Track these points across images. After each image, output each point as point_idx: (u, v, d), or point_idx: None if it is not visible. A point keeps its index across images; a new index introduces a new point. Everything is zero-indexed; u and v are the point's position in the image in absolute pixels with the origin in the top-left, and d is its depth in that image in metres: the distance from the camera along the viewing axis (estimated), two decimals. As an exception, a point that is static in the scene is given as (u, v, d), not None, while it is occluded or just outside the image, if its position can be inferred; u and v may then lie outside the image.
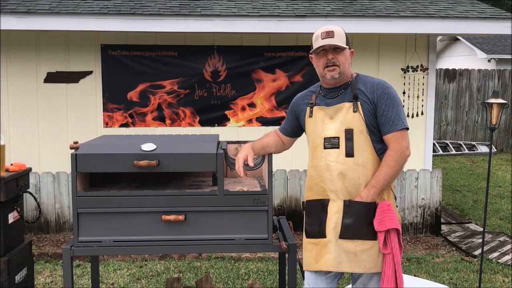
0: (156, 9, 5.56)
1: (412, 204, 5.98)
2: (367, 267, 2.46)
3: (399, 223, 2.44)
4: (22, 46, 5.88)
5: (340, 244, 2.47)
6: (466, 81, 12.98)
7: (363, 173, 2.46)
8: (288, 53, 6.12)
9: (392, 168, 2.44)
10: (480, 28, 5.87)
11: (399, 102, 2.52)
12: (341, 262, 2.48)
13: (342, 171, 2.47)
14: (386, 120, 2.47)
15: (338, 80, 2.55)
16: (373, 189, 2.44)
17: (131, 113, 6.01)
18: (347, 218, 2.46)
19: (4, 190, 2.98)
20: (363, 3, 6.10)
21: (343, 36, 2.52)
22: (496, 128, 4.07)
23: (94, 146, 2.70)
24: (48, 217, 5.78)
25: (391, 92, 2.52)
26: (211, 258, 5.08)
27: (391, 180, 2.46)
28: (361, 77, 2.60)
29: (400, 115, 2.48)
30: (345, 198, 2.48)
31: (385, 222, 2.40)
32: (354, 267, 2.47)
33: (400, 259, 2.42)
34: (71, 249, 2.66)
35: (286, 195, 5.97)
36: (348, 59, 2.56)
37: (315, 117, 2.59)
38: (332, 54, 2.51)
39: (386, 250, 2.41)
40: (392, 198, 2.54)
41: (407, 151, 2.47)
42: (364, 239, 2.45)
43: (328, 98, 2.58)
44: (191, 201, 2.65)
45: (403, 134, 2.47)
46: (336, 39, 2.49)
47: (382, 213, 2.42)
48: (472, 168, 10.67)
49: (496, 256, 5.23)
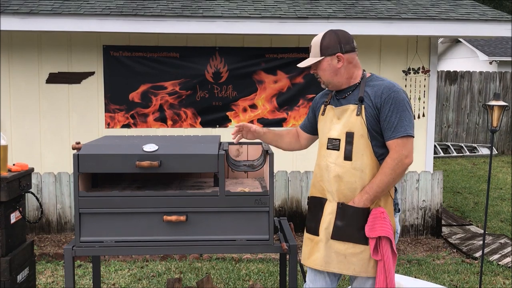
0: (158, 10, 5.58)
1: (413, 206, 5.99)
2: (357, 271, 2.45)
3: (391, 231, 2.39)
4: (24, 46, 5.90)
5: (331, 244, 2.48)
6: (468, 83, 12.98)
7: (361, 177, 2.44)
8: (290, 55, 6.12)
9: (387, 176, 2.38)
10: (481, 30, 5.87)
11: (405, 108, 2.41)
12: (330, 262, 2.49)
13: (339, 174, 2.47)
14: (389, 126, 2.40)
15: (334, 87, 2.57)
16: (365, 195, 2.42)
17: (132, 114, 6.03)
18: (339, 220, 2.47)
19: (6, 190, 2.99)
20: (364, 5, 6.10)
21: (317, 47, 2.52)
22: (497, 130, 4.08)
23: (96, 147, 2.71)
24: (49, 217, 5.80)
25: (398, 96, 2.41)
26: (212, 259, 5.09)
27: (386, 187, 2.40)
28: (372, 78, 2.54)
29: (404, 121, 2.39)
30: (340, 200, 2.48)
31: (375, 229, 2.38)
32: (343, 268, 2.48)
33: (391, 266, 2.38)
34: (72, 249, 2.67)
35: (287, 196, 5.98)
36: (328, 68, 2.51)
37: (326, 116, 2.62)
38: (313, 69, 2.58)
39: (376, 256, 2.39)
40: (389, 205, 2.48)
41: (407, 160, 2.39)
42: (355, 243, 2.44)
43: (337, 98, 2.59)
44: (193, 202, 2.66)
45: (404, 141, 2.39)
46: (310, 55, 2.57)
47: (374, 219, 2.40)
48: (473, 170, 10.67)
49: (497, 258, 5.23)
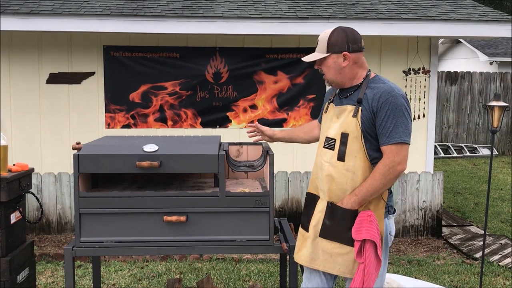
0: (159, 11, 5.58)
1: (413, 206, 5.98)
2: (341, 271, 2.45)
3: (377, 235, 2.35)
4: (24, 47, 5.90)
5: (319, 242, 2.50)
6: (468, 84, 12.98)
7: (352, 179, 2.42)
8: (290, 55, 6.12)
9: (377, 180, 2.36)
10: (482, 31, 5.87)
11: (402, 113, 2.35)
12: (316, 259, 2.51)
13: (331, 173, 2.47)
14: (384, 131, 2.36)
15: (337, 85, 2.55)
16: (354, 197, 2.40)
17: (133, 114, 6.03)
18: (327, 219, 2.48)
19: (6, 190, 2.98)
20: (365, 6, 6.10)
21: (323, 43, 2.48)
22: (497, 131, 4.07)
23: (96, 147, 2.71)
24: (49, 217, 5.79)
25: (396, 101, 2.35)
26: (212, 259, 5.09)
27: (375, 192, 2.38)
28: (375, 80, 2.49)
29: (399, 127, 2.34)
30: (331, 199, 2.48)
31: (361, 232, 2.36)
32: (328, 267, 2.48)
33: (372, 270, 2.35)
34: (72, 249, 2.67)
35: (288, 197, 5.97)
36: (333, 65, 2.48)
37: (328, 114, 2.61)
38: (318, 64, 2.54)
39: (359, 259, 2.37)
40: (380, 208, 2.44)
41: (399, 167, 2.35)
42: (342, 243, 2.44)
43: (339, 97, 2.58)
44: (193, 202, 2.66)
45: (398, 148, 2.34)
46: (317, 49, 2.52)
47: (361, 222, 2.38)
48: (473, 171, 10.66)
49: (497, 258, 5.23)
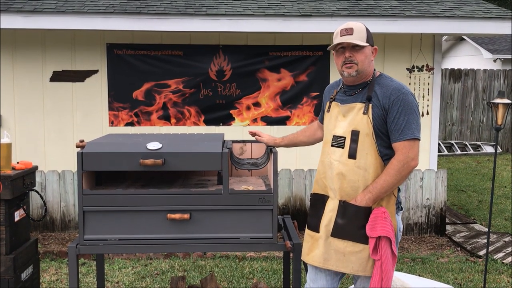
0: (162, 8, 5.57)
1: (417, 204, 5.97)
2: (355, 269, 2.45)
3: (392, 232, 2.39)
4: (28, 45, 5.91)
5: (331, 242, 2.49)
6: (472, 81, 12.94)
7: (364, 176, 2.44)
8: (293, 53, 6.11)
9: (392, 177, 2.39)
10: (486, 28, 5.85)
11: (413, 110, 2.42)
12: (329, 259, 2.50)
13: (342, 172, 2.47)
14: (396, 128, 2.41)
15: (356, 78, 2.51)
16: (368, 194, 2.42)
17: (136, 112, 6.03)
18: (339, 218, 2.47)
19: (10, 188, 2.99)
20: (368, 3, 6.09)
21: (363, 33, 2.47)
22: (501, 128, 4.06)
23: (100, 145, 2.71)
24: (53, 215, 5.81)
25: (407, 99, 2.42)
26: (216, 257, 5.09)
27: (389, 188, 2.41)
28: (382, 78, 2.52)
29: (411, 124, 2.40)
30: (342, 198, 2.48)
31: (376, 228, 2.38)
32: (341, 266, 2.48)
33: (389, 267, 2.37)
34: (76, 247, 2.68)
35: (291, 195, 5.97)
36: (368, 57, 2.49)
37: (331, 113, 2.61)
38: (350, 52, 2.47)
39: (375, 256, 2.38)
40: (392, 205, 2.47)
41: (413, 162, 2.40)
42: (355, 241, 2.44)
43: (346, 95, 2.57)
44: (196, 200, 2.67)
45: (411, 144, 2.40)
46: (354, 37, 2.45)
47: (375, 219, 2.40)
48: (477, 168, 10.64)
49: (501, 256, 5.22)
